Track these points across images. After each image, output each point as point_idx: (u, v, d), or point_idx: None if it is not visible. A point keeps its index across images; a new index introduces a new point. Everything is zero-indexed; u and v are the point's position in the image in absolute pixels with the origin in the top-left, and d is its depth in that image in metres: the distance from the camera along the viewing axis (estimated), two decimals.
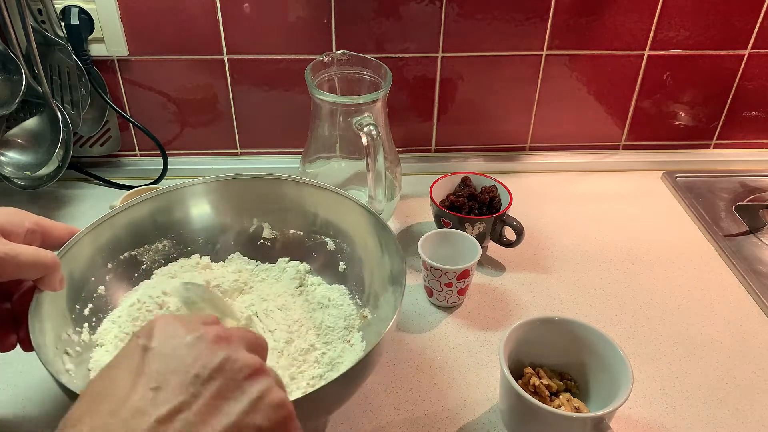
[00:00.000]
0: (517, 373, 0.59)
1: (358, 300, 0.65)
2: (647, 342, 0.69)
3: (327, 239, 0.69)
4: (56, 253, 0.52)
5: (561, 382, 0.60)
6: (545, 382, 0.58)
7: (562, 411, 0.53)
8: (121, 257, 0.64)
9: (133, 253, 0.65)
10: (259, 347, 0.36)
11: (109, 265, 0.63)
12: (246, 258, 0.70)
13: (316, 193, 0.67)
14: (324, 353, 0.59)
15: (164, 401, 0.30)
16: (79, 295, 0.59)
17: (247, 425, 0.31)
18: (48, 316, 0.52)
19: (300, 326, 0.61)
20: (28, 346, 0.48)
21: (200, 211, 0.69)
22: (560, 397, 0.58)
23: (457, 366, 0.66)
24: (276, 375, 0.35)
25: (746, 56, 0.93)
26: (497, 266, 0.79)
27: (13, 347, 0.51)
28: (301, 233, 0.70)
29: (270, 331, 0.61)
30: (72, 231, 0.55)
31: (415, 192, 0.92)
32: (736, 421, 0.60)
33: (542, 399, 0.56)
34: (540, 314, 0.61)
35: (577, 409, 0.57)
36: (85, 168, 0.93)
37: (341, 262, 0.68)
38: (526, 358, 0.60)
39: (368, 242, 0.65)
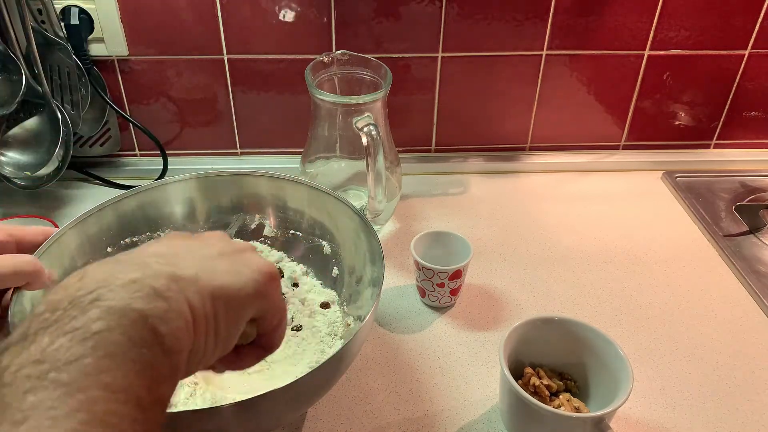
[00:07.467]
0: (517, 373, 0.59)
1: (345, 307, 0.65)
2: (647, 342, 0.69)
3: (323, 242, 0.68)
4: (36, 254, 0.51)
5: (561, 382, 0.60)
6: (545, 382, 0.58)
7: (562, 411, 0.53)
8: (122, 242, 0.65)
9: (134, 239, 0.65)
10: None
11: (109, 249, 0.64)
12: None
13: (311, 193, 0.67)
14: (302, 358, 0.59)
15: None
16: None
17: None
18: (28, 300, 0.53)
19: None
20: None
21: (199, 204, 0.69)
22: (560, 397, 0.58)
23: (457, 366, 0.66)
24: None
25: (746, 56, 0.93)
26: (497, 265, 0.79)
27: None
28: (300, 234, 0.70)
29: None
30: (46, 233, 0.54)
31: (415, 192, 0.92)
32: (736, 421, 0.60)
33: (542, 399, 0.56)
34: (540, 314, 0.61)
35: (577, 409, 0.57)
36: (85, 168, 0.93)
37: (335, 268, 0.68)
38: (526, 358, 0.60)
39: (355, 245, 0.64)
